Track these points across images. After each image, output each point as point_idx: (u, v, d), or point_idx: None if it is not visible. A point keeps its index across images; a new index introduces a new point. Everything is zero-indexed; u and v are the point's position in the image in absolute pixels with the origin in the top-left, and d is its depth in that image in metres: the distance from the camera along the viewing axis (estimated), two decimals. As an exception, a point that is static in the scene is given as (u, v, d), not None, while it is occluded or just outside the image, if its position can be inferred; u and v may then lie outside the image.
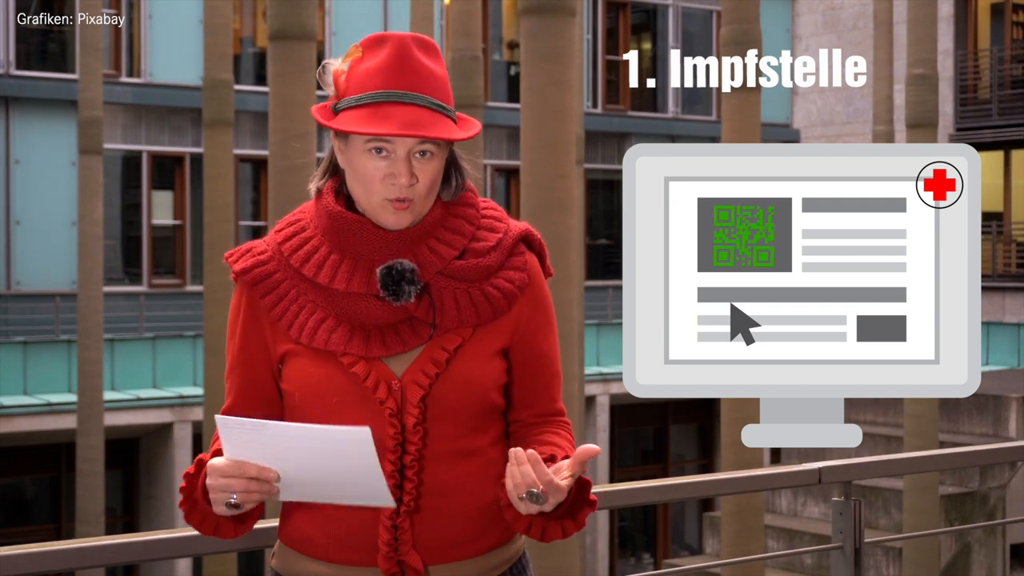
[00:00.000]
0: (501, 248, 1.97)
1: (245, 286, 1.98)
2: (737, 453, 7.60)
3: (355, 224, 1.93)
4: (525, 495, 1.80)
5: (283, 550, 2.01)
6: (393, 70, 1.91)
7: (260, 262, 1.98)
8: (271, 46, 7.53)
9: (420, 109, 1.89)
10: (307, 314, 1.94)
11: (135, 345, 14.96)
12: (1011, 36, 19.62)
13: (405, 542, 1.90)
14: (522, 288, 1.98)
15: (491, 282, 1.95)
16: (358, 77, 1.92)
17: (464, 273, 1.94)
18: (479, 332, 1.95)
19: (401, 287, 1.90)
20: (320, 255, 1.95)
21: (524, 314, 1.98)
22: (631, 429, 18.66)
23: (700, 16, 20.38)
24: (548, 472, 1.80)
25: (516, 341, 1.98)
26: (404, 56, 1.91)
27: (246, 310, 1.99)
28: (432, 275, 1.93)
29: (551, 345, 2.02)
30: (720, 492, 3.93)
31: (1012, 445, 4.58)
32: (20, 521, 15.08)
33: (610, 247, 19.15)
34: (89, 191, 11.73)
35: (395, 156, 1.90)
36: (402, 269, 1.90)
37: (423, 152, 1.91)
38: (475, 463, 1.93)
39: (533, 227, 2.07)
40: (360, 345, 1.91)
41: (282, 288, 1.96)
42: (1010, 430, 12.64)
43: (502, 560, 1.98)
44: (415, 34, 1.95)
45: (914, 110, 10.92)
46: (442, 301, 1.92)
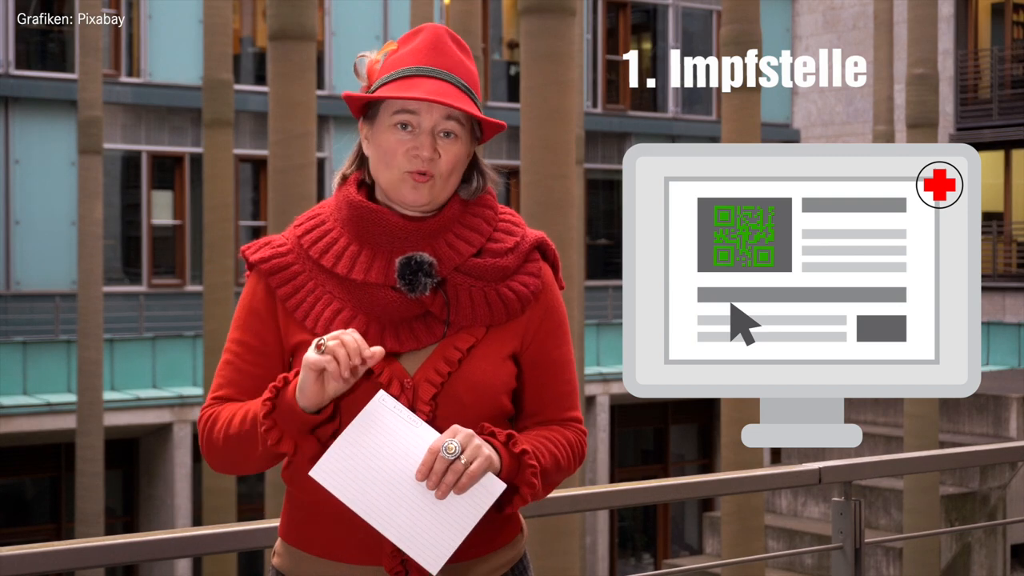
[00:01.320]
0: (518, 252, 1.98)
1: (261, 276, 1.98)
2: (737, 453, 7.60)
3: (374, 213, 1.94)
4: (446, 455, 1.78)
5: (285, 548, 2.00)
6: (425, 51, 1.95)
7: (279, 253, 1.98)
8: (271, 46, 7.53)
9: (448, 84, 1.92)
10: (323, 305, 1.94)
11: (135, 345, 14.96)
12: (1011, 36, 19.62)
13: None
14: (536, 294, 1.98)
15: (507, 284, 1.96)
16: (391, 63, 1.96)
17: (481, 271, 1.95)
18: (492, 333, 1.95)
19: (418, 278, 1.90)
20: (339, 246, 1.96)
21: (535, 320, 1.99)
22: (631, 429, 18.66)
23: (700, 16, 20.38)
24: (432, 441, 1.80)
25: (526, 347, 1.98)
26: (437, 42, 1.95)
27: (261, 299, 1.98)
28: (449, 271, 1.94)
29: (563, 353, 2.02)
30: (720, 492, 3.94)
31: (1012, 445, 4.58)
32: (20, 521, 15.08)
33: (610, 247, 19.15)
34: (89, 191, 11.73)
35: (420, 130, 1.92)
36: (420, 261, 1.91)
37: (447, 132, 1.92)
38: None
39: (531, 227, 2.08)
40: (375, 339, 1.91)
41: (299, 279, 1.96)
42: (1010, 430, 12.64)
43: (504, 561, 1.98)
44: (448, 28, 1.99)
45: (914, 110, 10.92)
46: (457, 298, 1.93)
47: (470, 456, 1.79)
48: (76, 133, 13.03)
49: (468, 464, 1.79)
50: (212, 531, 2.56)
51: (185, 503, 14.52)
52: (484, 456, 1.80)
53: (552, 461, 1.94)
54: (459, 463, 1.79)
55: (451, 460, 1.79)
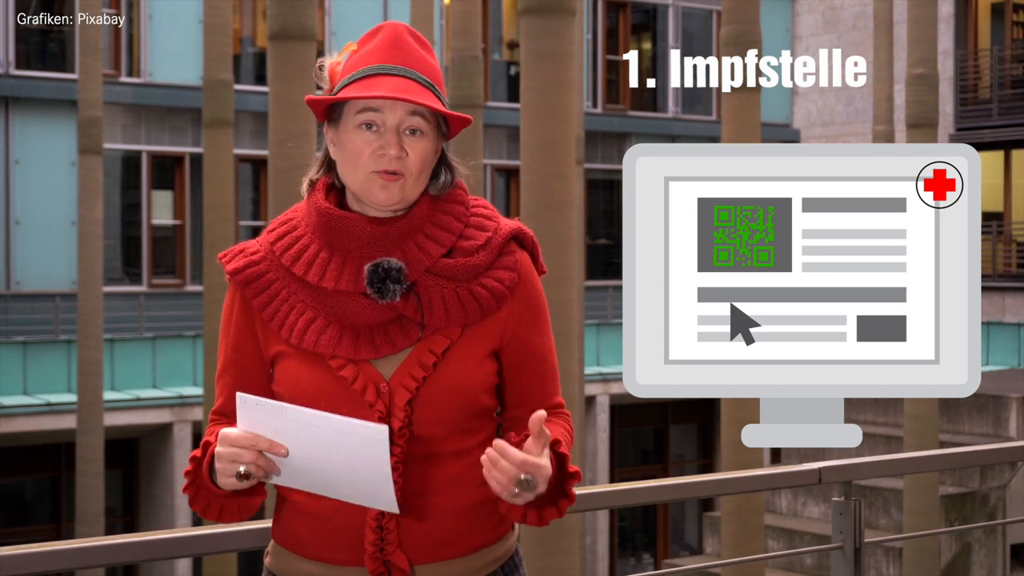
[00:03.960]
0: (490, 247, 1.97)
1: (238, 286, 1.99)
2: (737, 453, 7.60)
3: (343, 220, 1.93)
4: (516, 488, 1.79)
5: (276, 549, 2.01)
6: (385, 49, 1.93)
7: (252, 262, 1.98)
8: (271, 46, 7.53)
9: (410, 81, 1.91)
10: (297, 314, 1.94)
11: (135, 345, 14.96)
12: (1011, 36, 19.62)
13: (391, 542, 1.90)
14: (512, 288, 1.97)
15: (480, 281, 1.94)
16: (351, 64, 1.95)
17: (452, 272, 1.93)
18: (468, 333, 1.94)
19: (386, 285, 1.89)
20: (310, 253, 1.95)
21: (514, 314, 1.97)
22: (631, 429, 18.66)
23: (700, 16, 20.38)
24: (521, 454, 1.79)
25: (507, 342, 1.98)
26: (396, 39, 1.94)
27: (239, 311, 1.99)
28: (420, 273, 1.92)
29: (544, 341, 2.01)
30: (720, 492, 3.93)
31: (1012, 445, 4.57)
32: (20, 521, 15.08)
33: (610, 247, 19.15)
34: (89, 191, 11.73)
35: (385, 128, 1.90)
36: (388, 267, 1.90)
37: (413, 130, 1.91)
38: (462, 464, 1.92)
39: (530, 227, 2.07)
40: (349, 347, 1.90)
41: (273, 288, 1.96)
42: (1010, 430, 12.64)
43: (491, 559, 1.98)
44: (408, 25, 1.98)
45: (914, 110, 10.92)
46: (430, 300, 1.92)
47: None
48: (76, 133, 13.03)
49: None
50: (212, 531, 2.56)
51: (185, 503, 14.52)
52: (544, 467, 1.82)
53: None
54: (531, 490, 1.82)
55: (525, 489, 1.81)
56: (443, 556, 1.91)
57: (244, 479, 1.81)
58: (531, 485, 1.79)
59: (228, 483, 1.84)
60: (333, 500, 1.91)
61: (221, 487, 1.87)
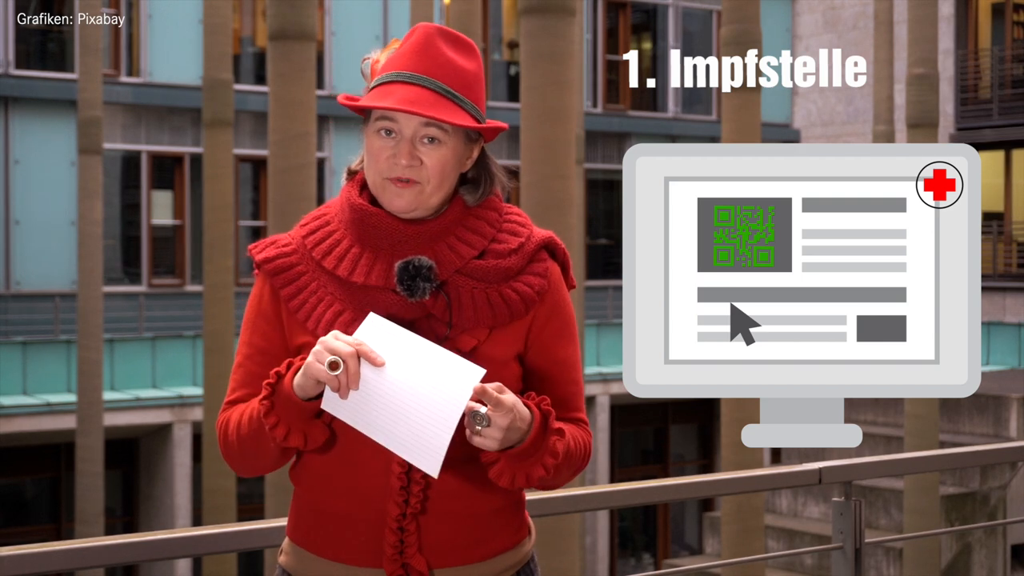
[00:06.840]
0: (522, 252, 1.97)
1: (266, 276, 1.99)
2: (737, 453, 7.60)
3: (375, 217, 1.94)
4: (468, 419, 1.78)
5: (292, 548, 2.01)
6: (409, 55, 1.93)
7: (283, 253, 1.99)
8: (271, 46, 7.53)
9: (424, 90, 1.90)
10: (325, 306, 1.94)
11: (135, 345, 14.96)
12: (1012, 36, 19.61)
13: (411, 545, 1.89)
14: (541, 294, 1.96)
15: (510, 284, 1.94)
16: (384, 65, 1.95)
17: (483, 273, 1.93)
18: (495, 335, 1.94)
19: (416, 283, 1.89)
20: (342, 248, 1.95)
21: (540, 320, 1.97)
22: (631, 429, 18.66)
23: (700, 16, 20.38)
24: (481, 385, 1.79)
25: (531, 347, 1.97)
26: (424, 44, 1.93)
27: (267, 300, 1.99)
28: (450, 273, 1.93)
29: (569, 354, 2.00)
30: (720, 492, 3.93)
31: (1012, 445, 4.57)
32: (20, 521, 15.08)
33: (610, 247, 19.15)
34: (88, 191, 11.73)
35: (400, 137, 1.91)
36: (419, 265, 1.90)
37: (430, 138, 1.91)
38: (484, 468, 1.91)
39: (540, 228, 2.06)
40: None
41: (302, 280, 1.96)
42: (1010, 430, 12.64)
43: (508, 564, 1.97)
44: (445, 27, 1.96)
45: (914, 110, 10.92)
46: (459, 300, 1.92)
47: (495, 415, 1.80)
48: (76, 133, 13.03)
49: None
50: (212, 531, 2.56)
51: (185, 503, 14.52)
52: (510, 403, 1.80)
53: (573, 445, 1.93)
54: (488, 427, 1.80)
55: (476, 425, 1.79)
56: (462, 560, 1.91)
57: (333, 368, 1.78)
58: (485, 421, 1.78)
59: (315, 373, 1.80)
60: (350, 499, 1.90)
61: (299, 389, 1.83)
